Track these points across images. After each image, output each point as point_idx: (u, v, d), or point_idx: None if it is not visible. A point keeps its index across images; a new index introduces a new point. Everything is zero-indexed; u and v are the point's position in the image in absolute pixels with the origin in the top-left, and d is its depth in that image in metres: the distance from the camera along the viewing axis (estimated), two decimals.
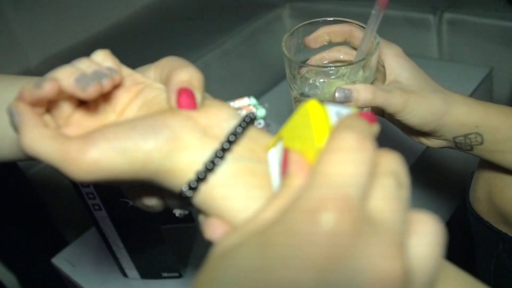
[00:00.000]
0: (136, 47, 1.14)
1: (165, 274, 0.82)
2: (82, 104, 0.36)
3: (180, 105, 0.33)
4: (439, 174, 0.97)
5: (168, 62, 0.36)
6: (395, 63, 0.52)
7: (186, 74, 0.34)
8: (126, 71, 0.37)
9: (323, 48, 0.56)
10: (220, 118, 0.33)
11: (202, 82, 0.34)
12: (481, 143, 0.51)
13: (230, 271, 0.23)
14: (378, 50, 0.51)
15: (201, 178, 0.30)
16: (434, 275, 0.24)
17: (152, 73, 0.37)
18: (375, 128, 0.27)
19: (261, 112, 0.38)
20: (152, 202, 0.37)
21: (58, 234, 1.08)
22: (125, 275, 0.84)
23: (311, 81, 0.53)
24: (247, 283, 0.22)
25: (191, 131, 0.31)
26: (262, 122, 0.37)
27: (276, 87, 1.18)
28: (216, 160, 0.31)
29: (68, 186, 0.71)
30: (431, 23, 1.12)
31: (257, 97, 1.16)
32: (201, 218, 0.33)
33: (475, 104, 0.51)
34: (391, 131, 0.61)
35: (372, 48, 0.51)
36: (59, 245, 0.94)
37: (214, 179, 0.31)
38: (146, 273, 0.83)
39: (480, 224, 0.60)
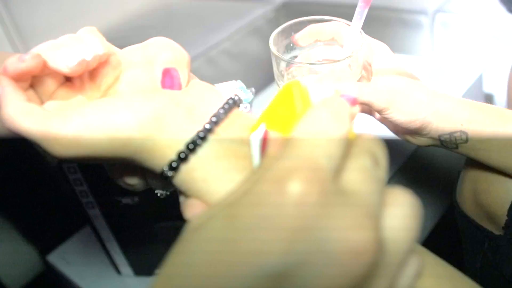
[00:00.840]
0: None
1: (158, 271, 0.83)
2: (67, 81, 0.35)
3: (163, 85, 0.33)
4: (430, 173, 0.97)
5: (155, 42, 0.36)
6: (382, 61, 0.52)
7: (172, 54, 0.33)
8: (112, 49, 0.36)
9: (311, 46, 0.57)
10: (204, 99, 0.33)
11: (187, 62, 0.34)
12: (466, 141, 0.52)
13: (200, 242, 0.23)
14: (365, 48, 0.51)
15: (182, 158, 0.30)
16: (409, 247, 0.24)
17: (139, 52, 0.37)
18: (355, 109, 0.26)
19: (247, 96, 0.38)
20: (133, 181, 0.37)
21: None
22: (119, 272, 0.85)
23: (298, 79, 0.54)
24: (216, 253, 0.22)
25: (174, 111, 0.31)
26: (248, 106, 0.38)
27: (271, 87, 1.19)
28: (198, 141, 0.30)
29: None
30: (424, 23, 1.12)
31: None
32: (181, 199, 0.33)
33: (460, 103, 0.51)
34: (381, 131, 0.62)
35: (358, 46, 0.51)
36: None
37: (195, 160, 0.30)
38: (140, 270, 0.84)
39: (466, 222, 0.60)
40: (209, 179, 0.30)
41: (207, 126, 0.31)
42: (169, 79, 0.33)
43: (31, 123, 0.30)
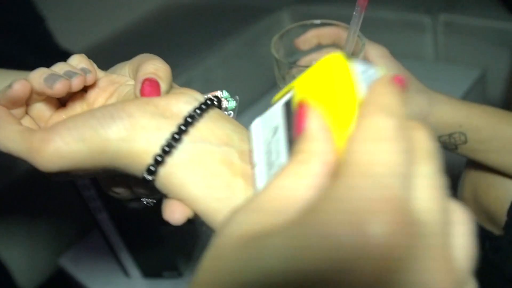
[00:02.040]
0: (141, 51, 1.15)
1: (165, 273, 0.84)
2: (62, 106, 0.37)
3: (143, 93, 0.33)
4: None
5: (140, 58, 0.37)
6: (381, 64, 0.53)
7: (152, 66, 0.34)
8: (101, 73, 0.38)
9: (313, 50, 0.57)
10: (181, 100, 0.33)
11: (168, 73, 0.35)
12: (465, 142, 0.52)
13: (267, 258, 0.20)
14: (364, 51, 0.52)
15: (159, 161, 0.31)
16: (472, 266, 0.23)
17: (127, 70, 0.38)
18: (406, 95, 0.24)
19: (231, 104, 0.38)
20: (119, 190, 0.37)
21: None
22: (127, 274, 0.86)
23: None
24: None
25: (149, 115, 0.31)
26: (232, 113, 0.38)
27: (276, 89, 1.19)
28: (172, 143, 0.31)
29: None
30: (427, 24, 1.12)
31: (257, 99, 1.17)
32: (164, 200, 0.33)
33: (459, 104, 0.52)
34: None
35: (357, 49, 0.52)
36: None
37: (172, 164, 0.31)
38: (148, 272, 0.85)
39: None
40: (187, 184, 0.31)
41: (182, 127, 0.31)
42: (148, 87, 0.33)
43: (17, 141, 0.31)
